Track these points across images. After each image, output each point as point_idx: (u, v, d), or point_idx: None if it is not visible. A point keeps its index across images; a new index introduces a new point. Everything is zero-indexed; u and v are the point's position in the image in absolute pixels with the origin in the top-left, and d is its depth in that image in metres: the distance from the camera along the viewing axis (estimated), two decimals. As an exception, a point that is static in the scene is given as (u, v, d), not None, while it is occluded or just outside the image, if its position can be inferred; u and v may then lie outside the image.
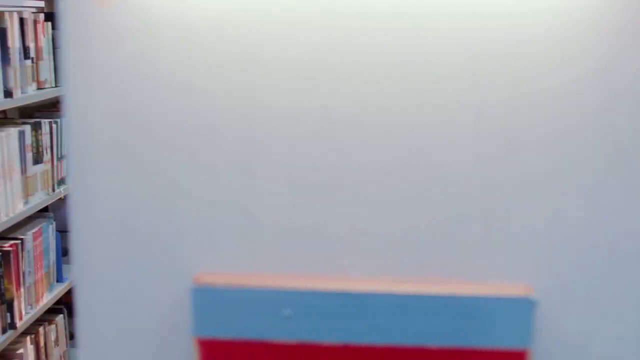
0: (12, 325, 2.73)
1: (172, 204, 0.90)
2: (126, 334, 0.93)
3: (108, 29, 0.86)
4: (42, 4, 4.36)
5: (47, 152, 3.02)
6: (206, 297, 0.90)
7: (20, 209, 2.78)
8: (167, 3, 0.86)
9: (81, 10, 0.85)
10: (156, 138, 0.89)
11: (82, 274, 0.91)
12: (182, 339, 0.93)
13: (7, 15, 2.68)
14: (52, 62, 3.06)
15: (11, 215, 2.71)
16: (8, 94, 2.67)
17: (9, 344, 2.76)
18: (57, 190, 3.10)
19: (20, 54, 2.77)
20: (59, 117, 3.22)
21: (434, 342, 0.90)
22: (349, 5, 0.87)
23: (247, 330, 0.90)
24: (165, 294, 0.92)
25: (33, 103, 3.04)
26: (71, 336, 3.40)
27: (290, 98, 0.88)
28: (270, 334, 0.90)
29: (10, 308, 2.72)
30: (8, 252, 2.70)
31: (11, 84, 2.69)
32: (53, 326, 3.15)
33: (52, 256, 3.12)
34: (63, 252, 3.28)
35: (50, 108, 3.50)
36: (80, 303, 0.93)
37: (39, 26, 2.95)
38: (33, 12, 2.92)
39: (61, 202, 3.33)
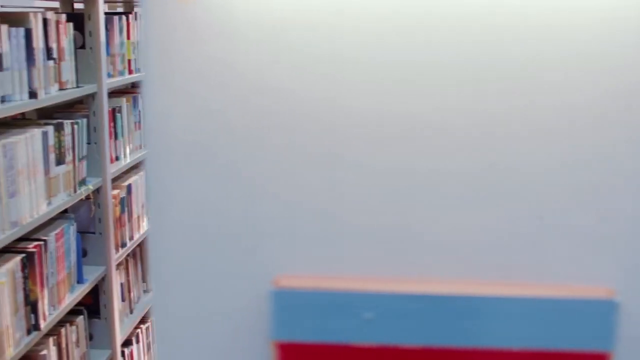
0: (36, 327, 2.73)
1: (251, 207, 0.90)
2: (203, 337, 0.92)
3: (189, 30, 0.85)
4: (54, 4, 4.34)
5: (69, 153, 3.01)
6: (286, 300, 0.89)
7: (44, 210, 2.77)
8: (248, 4, 0.86)
9: (162, 12, 0.84)
10: (236, 140, 0.88)
11: (159, 277, 0.90)
12: (259, 342, 0.93)
13: (31, 16, 2.67)
14: (73, 63, 3.05)
15: (35, 216, 2.70)
16: (33, 94, 2.67)
17: (33, 346, 2.75)
18: (78, 191, 3.10)
19: (44, 54, 2.76)
20: (78, 117, 3.21)
21: (515, 344, 0.90)
22: (431, 9, 0.86)
23: (327, 333, 0.90)
24: (243, 297, 0.92)
25: (54, 104, 3.03)
26: (90, 337, 3.39)
27: (372, 100, 0.88)
28: (351, 336, 0.90)
29: (34, 309, 2.71)
30: (32, 253, 2.69)
31: (36, 85, 2.69)
32: (74, 327, 3.14)
33: (73, 257, 3.12)
34: (82, 253, 3.28)
35: (68, 108, 3.50)
36: (157, 306, 0.92)
37: (61, 27, 2.94)
38: (56, 13, 2.91)
39: (80, 203, 3.32)
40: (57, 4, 3.69)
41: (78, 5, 4.16)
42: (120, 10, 4.63)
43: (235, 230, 0.90)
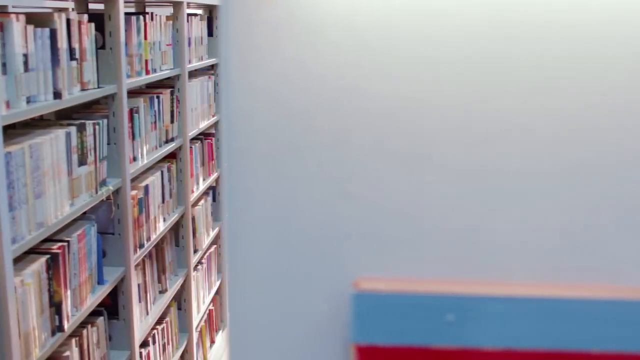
0: (60, 328, 2.72)
1: (333, 208, 0.89)
2: (281, 339, 0.92)
3: (271, 31, 0.85)
4: (67, 4, 4.34)
5: (91, 154, 3.00)
6: (366, 303, 0.89)
7: (67, 211, 2.76)
8: (330, 4, 0.85)
9: (244, 13, 0.84)
10: (319, 141, 0.88)
11: (237, 279, 0.90)
12: (339, 345, 0.92)
13: (56, 16, 2.66)
14: (94, 63, 3.04)
15: (60, 217, 2.69)
16: (57, 95, 2.66)
17: (57, 347, 2.74)
18: (99, 192, 3.09)
19: (67, 55, 2.75)
20: (97, 118, 3.20)
21: (598, 346, 0.89)
22: (519, 7, 0.86)
23: (407, 336, 0.89)
24: (322, 299, 0.91)
25: (74, 105, 3.02)
26: (109, 338, 3.38)
27: (457, 100, 0.87)
28: (432, 339, 0.89)
29: (58, 310, 2.70)
30: (57, 254, 2.69)
31: (60, 85, 2.68)
32: (95, 328, 3.13)
33: (94, 258, 3.11)
34: (102, 254, 3.27)
35: (86, 109, 3.49)
36: (234, 308, 0.91)
37: (83, 27, 2.93)
38: (78, 13, 2.90)
39: (99, 204, 3.31)
40: (66, 4, 3.68)
41: (92, 6, 4.15)
42: (132, 10, 4.62)
43: (316, 232, 0.89)
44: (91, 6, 4.02)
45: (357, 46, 0.86)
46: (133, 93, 3.80)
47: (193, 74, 4.62)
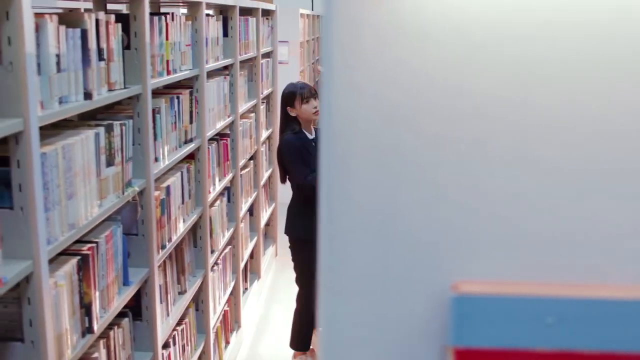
0: (90, 330, 2.71)
1: (431, 210, 0.89)
2: (376, 342, 0.91)
3: (377, 32, 0.84)
4: (78, 4, 4.32)
5: (118, 154, 2.99)
6: (466, 306, 0.88)
7: (96, 212, 2.75)
8: (438, 4, 0.84)
9: (349, 14, 0.83)
10: (420, 144, 0.87)
11: (333, 282, 0.89)
12: (435, 348, 0.91)
13: (86, 17, 2.65)
14: (121, 64, 3.03)
15: (90, 218, 2.68)
16: (88, 95, 2.65)
17: (87, 348, 2.73)
18: (126, 193, 3.08)
19: (96, 55, 2.74)
20: (121, 118, 3.19)
21: (699, 350, 0.89)
22: (622, 7, 0.85)
23: (507, 339, 0.88)
24: (420, 302, 0.90)
25: (101, 105, 3.00)
26: (133, 339, 3.37)
27: (563, 101, 0.86)
28: (532, 342, 0.88)
29: (88, 312, 2.69)
30: (87, 255, 2.68)
31: (90, 86, 2.67)
32: (121, 330, 3.12)
33: (120, 259, 3.10)
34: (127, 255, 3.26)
35: (108, 109, 3.47)
36: (327, 310, 0.91)
37: (111, 27, 2.92)
38: (106, 14, 2.89)
39: (124, 205, 3.30)
40: (85, 4, 3.67)
41: (111, 6, 4.14)
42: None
43: (414, 233, 0.88)
44: (109, 6, 4.01)
45: (461, 47, 0.85)
46: (154, 93, 3.79)
47: (209, 74, 4.61)
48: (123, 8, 4.78)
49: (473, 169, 0.87)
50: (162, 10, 4.79)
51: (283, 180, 5.04)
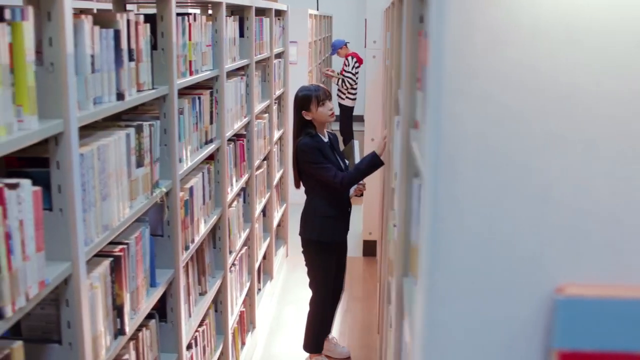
0: (122, 331, 2.70)
1: (538, 213, 0.88)
2: (480, 344, 0.90)
3: (489, 31, 0.83)
4: (91, 5, 4.31)
5: (147, 155, 2.97)
6: (571, 308, 0.87)
7: (127, 213, 2.74)
8: (552, 4, 0.83)
9: (462, 16, 0.82)
10: (529, 146, 0.86)
11: (438, 284, 0.88)
12: (539, 351, 0.90)
13: (118, 17, 2.64)
14: (150, 64, 3.02)
15: (122, 219, 2.67)
16: (120, 96, 2.64)
17: (120, 350, 2.72)
18: (154, 194, 3.07)
19: (127, 56, 2.73)
20: (147, 119, 3.17)
21: None
22: None
23: (612, 342, 0.88)
24: (523, 305, 0.89)
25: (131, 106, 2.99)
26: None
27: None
28: (637, 345, 0.88)
29: (120, 313, 2.68)
30: (119, 257, 2.67)
31: (123, 86, 2.66)
32: (148, 331, 3.11)
33: (148, 261, 3.09)
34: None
35: (132, 110, 3.46)
36: (429, 314, 0.90)
37: (140, 28, 2.91)
38: (135, 14, 2.88)
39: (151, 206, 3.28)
40: (93, 5, 3.66)
41: (130, 7, 4.13)
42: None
43: (519, 236, 0.87)
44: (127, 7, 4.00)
45: (577, 48, 0.84)
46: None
47: (227, 75, 4.60)
48: (134, 8, 4.77)
49: (581, 171, 0.86)
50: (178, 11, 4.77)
51: (297, 185, 5.00)
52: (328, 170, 4.65)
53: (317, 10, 13.75)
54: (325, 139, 4.84)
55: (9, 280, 1.81)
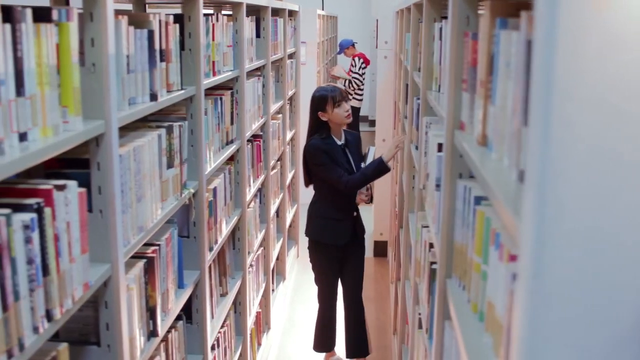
0: (154, 333, 2.69)
1: (645, 216, 0.87)
2: (584, 348, 0.89)
3: (603, 32, 0.82)
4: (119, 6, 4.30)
5: (177, 156, 2.96)
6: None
7: (159, 214, 2.73)
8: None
9: (575, 13, 0.81)
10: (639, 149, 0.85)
11: (538, 288, 0.87)
12: (641, 356, 0.89)
13: (151, 17, 2.63)
14: (179, 65, 3.01)
15: (155, 220, 2.66)
16: (153, 97, 2.63)
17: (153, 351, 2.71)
18: (183, 195, 3.06)
19: (159, 56, 2.72)
20: (173, 120, 3.16)
21: None
22: None
23: None
24: (629, 308, 0.89)
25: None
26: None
27: None
28: None
29: (152, 315, 2.67)
30: (152, 258, 2.66)
31: (156, 87, 2.65)
32: (177, 332, 3.10)
33: (176, 262, 3.08)
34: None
35: (160, 111, 3.45)
36: (531, 317, 0.89)
37: (170, 28, 2.90)
38: (165, 14, 2.87)
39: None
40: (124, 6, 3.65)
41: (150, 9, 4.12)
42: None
43: (626, 239, 0.87)
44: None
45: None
46: (199, 95, 3.76)
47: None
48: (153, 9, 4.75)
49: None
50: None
51: (307, 184, 5.01)
52: (333, 172, 4.63)
53: (323, 10, 13.76)
54: (340, 141, 4.80)
55: (58, 282, 1.80)
